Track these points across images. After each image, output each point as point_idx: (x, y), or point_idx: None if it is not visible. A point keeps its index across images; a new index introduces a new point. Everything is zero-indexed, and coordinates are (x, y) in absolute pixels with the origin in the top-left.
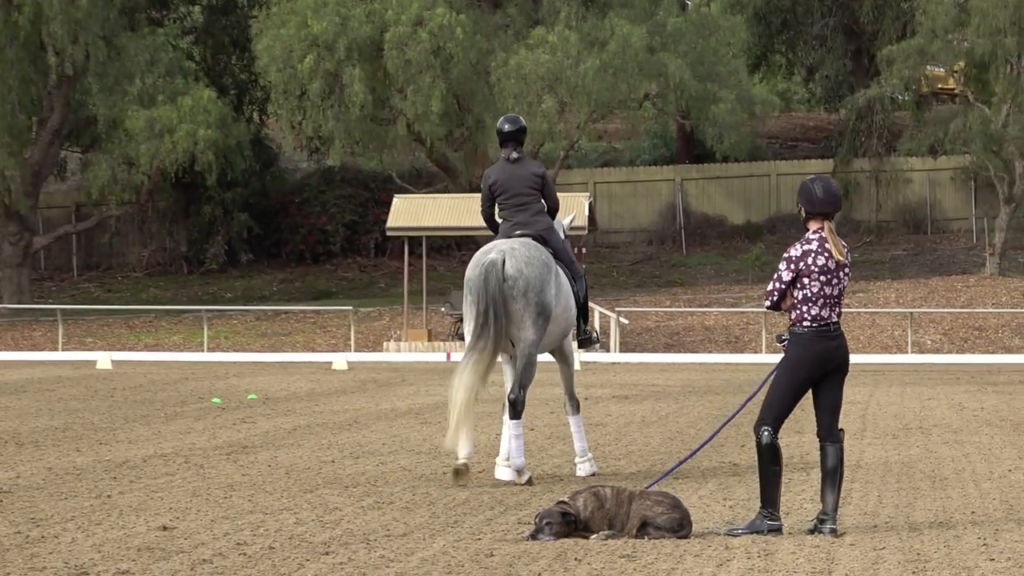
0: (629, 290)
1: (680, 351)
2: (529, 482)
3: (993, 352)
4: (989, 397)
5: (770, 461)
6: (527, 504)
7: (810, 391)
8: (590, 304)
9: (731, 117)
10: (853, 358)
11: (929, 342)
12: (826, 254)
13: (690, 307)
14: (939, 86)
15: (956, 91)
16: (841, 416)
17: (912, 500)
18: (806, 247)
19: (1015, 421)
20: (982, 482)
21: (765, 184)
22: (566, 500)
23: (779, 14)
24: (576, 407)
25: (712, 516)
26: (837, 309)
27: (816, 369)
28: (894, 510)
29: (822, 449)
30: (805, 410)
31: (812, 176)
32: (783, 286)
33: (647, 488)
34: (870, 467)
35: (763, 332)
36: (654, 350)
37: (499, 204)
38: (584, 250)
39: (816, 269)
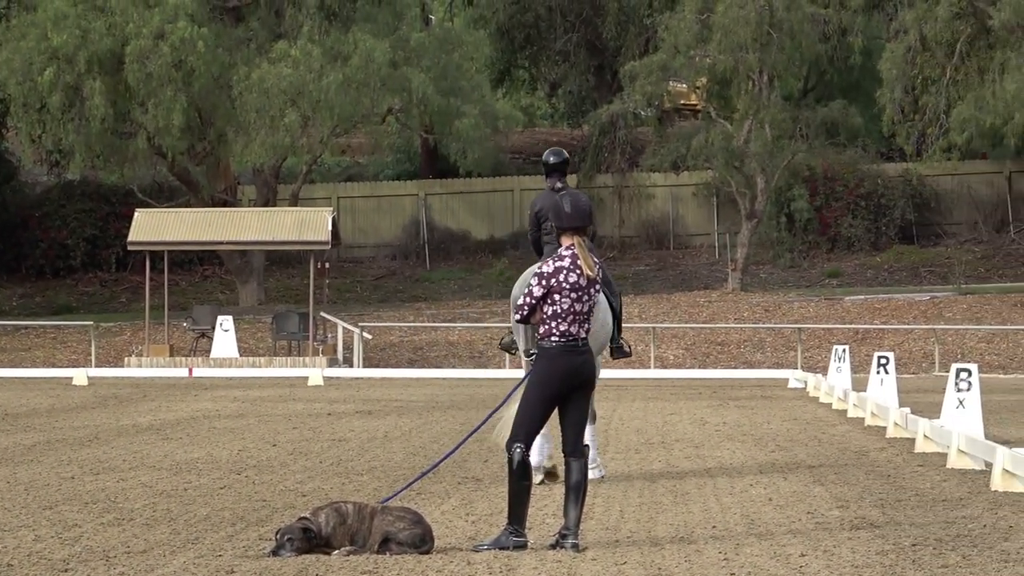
0: (373, 305)
1: (424, 366)
2: (541, 482)
3: (735, 367)
4: (731, 412)
5: (520, 477)
6: (268, 520)
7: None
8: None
9: (474, 132)
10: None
11: (672, 357)
12: (578, 271)
13: (434, 322)
14: (681, 102)
15: (698, 107)
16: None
17: (654, 515)
18: (559, 263)
19: (756, 436)
20: (723, 497)
21: (509, 199)
22: (307, 516)
23: (522, 29)
24: (592, 417)
25: (454, 531)
26: (586, 325)
27: (564, 384)
28: (636, 525)
29: (566, 464)
30: (549, 425)
31: (563, 192)
32: (534, 301)
33: (383, 501)
34: (612, 482)
35: None
36: (398, 365)
37: (544, 228)
38: (327, 265)
39: (568, 286)
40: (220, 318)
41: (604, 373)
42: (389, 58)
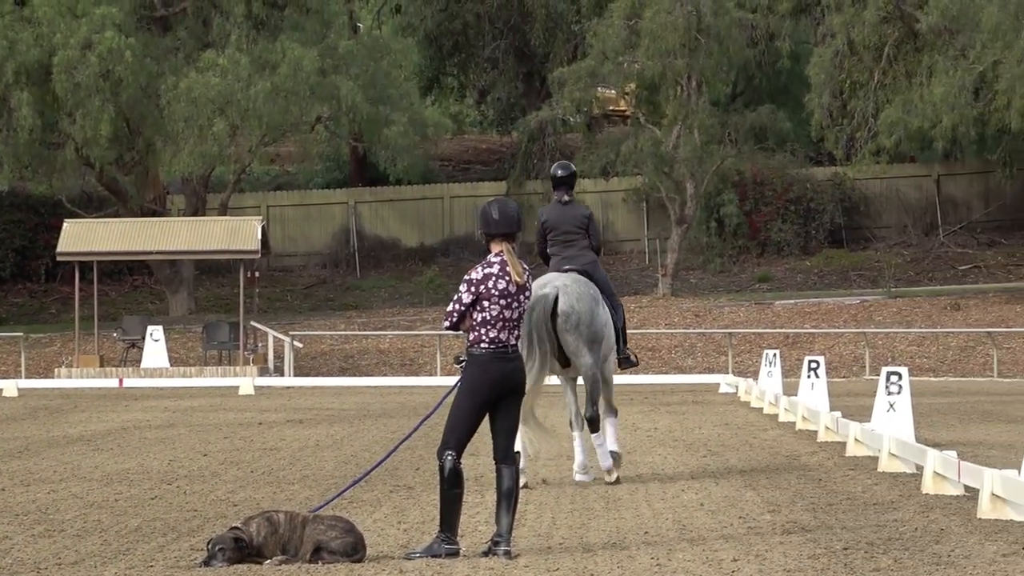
0: (303, 314)
1: (355, 374)
2: (617, 480)
3: (666, 372)
4: (662, 417)
5: (452, 485)
6: (200, 531)
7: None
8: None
9: (404, 140)
10: None
11: None
12: (507, 278)
13: (365, 330)
14: (610, 108)
15: (627, 113)
16: (517, 438)
17: (586, 521)
18: (488, 270)
19: (687, 441)
20: (655, 502)
21: (438, 207)
22: (239, 526)
23: (450, 37)
24: (614, 412)
25: (387, 540)
26: (516, 332)
27: (495, 391)
28: (568, 531)
29: (498, 471)
30: (478, 432)
31: (492, 198)
32: (463, 308)
33: (315, 510)
34: (544, 489)
35: (438, 354)
36: (329, 374)
37: (550, 240)
38: (257, 274)
39: (496, 293)
40: (150, 328)
41: None
42: (317, 66)
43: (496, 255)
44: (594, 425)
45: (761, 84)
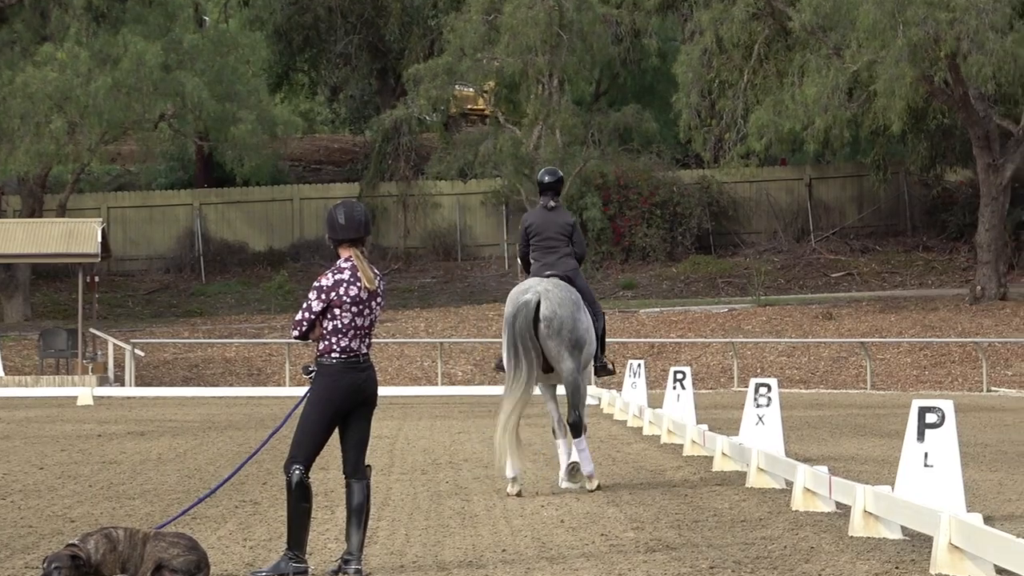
0: (145, 320)
1: (199, 384)
2: (598, 487)
3: None
4: (522, 430)
5: (300, 499)
6: (35, 547)
7: None
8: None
9: (252, 139)
10: (381, 390)
11: (460, 373)
12: (358, 284)
13: (210, 338)
14: (468, 107)
15: (486, 112)
16: (368, 451)
17: (441, 538)
18: (338, 276)
19: (548, 455)
20: (514, 519)
21: (288, 209)
22: (76, 543)
23: (301, 31)
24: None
25: (231, 558)
26: (367, 340)
27: (345, 402)
28: (422, 549)
29: (348, 486)
30: (329, 445)
31: (338, 202)
32: (313, 316)
33: (160, 527)
34: (398, 504)
35: (287, 364)
36: (172, 383)
37: (532, 245)
38: (97, 279)
39: (348, 300)
40: None
41: (389, 391)
42: (161, 61)
43: (346, 260)
44: (576, 430)
45: (626, 83)
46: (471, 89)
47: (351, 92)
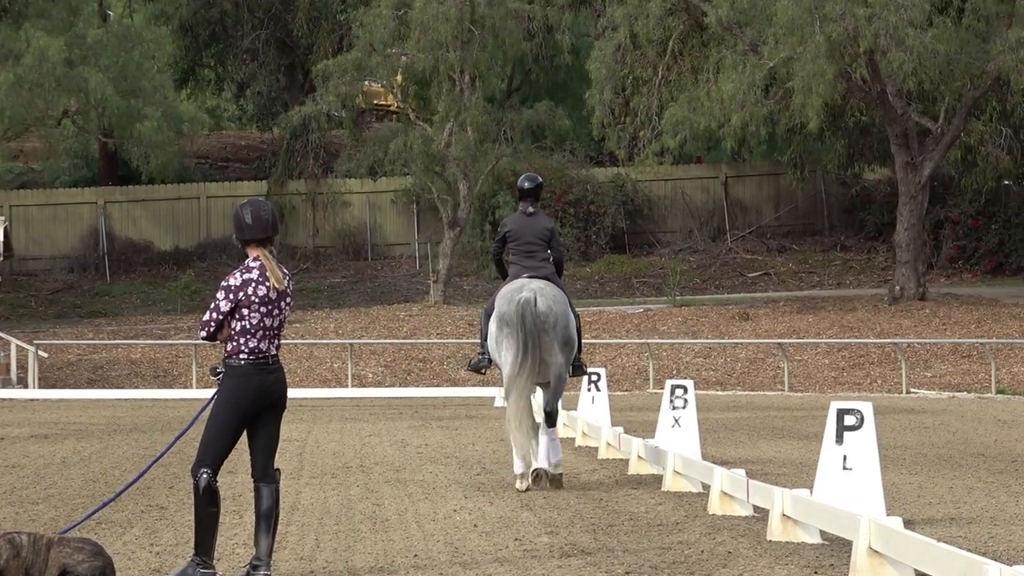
0: (49, 321)
1: (104, 386)
2: (560, 475)
3: (437, 385)
4: (433, 432)
5: (208, 504)
6: None
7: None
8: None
9: (157, 136)
10: (290, 392)
11: (370, 375)
12: (268, 283)
13: (115, 339)
14: (378, 103)
15: (396, 109)
16: (277, 455)
17: (352, 543)
18: (247, 276)
19: (461, 458)
20: (426, 523)
21: (194, 207)
22: None
23: (207, 26)
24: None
25: (137, 563)
26: (276, 341)
27: (254, 404)
28: (332, 554)
29: (256, 490)
30: (237, 449)
31: (245, 201)
32: (221, 316)
33: (64, 532)
34: (307, 509)
35: (194, 365)
36: (76, 386)
37: (510, 248)
38: (0, 279)
39: (257, 300)
40: None
41: (299, 393)
42: (64, 56)
43: (255, 260)
44: (551, 419)
45: (539, 79)
46: (381, 85)
47: (258, 88)
